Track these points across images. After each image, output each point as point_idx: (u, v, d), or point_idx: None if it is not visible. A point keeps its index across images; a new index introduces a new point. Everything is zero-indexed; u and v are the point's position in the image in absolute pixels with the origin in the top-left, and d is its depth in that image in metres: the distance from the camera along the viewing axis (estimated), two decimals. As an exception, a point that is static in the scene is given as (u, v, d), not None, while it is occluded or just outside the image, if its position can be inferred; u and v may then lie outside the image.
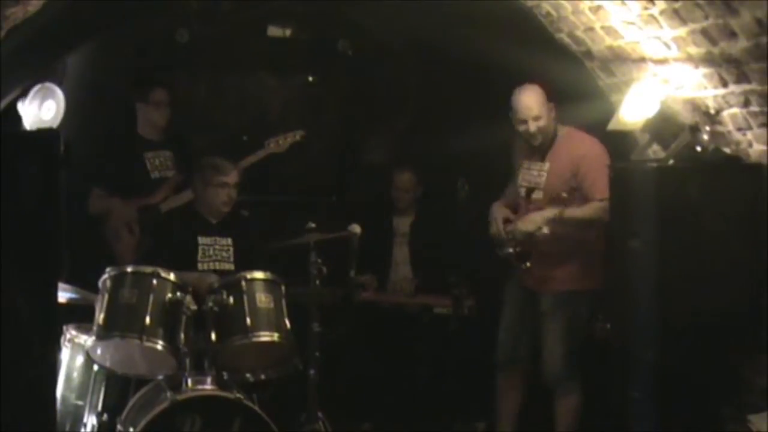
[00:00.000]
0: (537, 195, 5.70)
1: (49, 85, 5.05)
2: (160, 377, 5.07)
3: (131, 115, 6.65)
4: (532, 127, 5.62)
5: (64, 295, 5.12)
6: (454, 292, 5.82)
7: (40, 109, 4.94)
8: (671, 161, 4.95)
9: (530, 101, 5.62)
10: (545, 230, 5.47)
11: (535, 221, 5.52)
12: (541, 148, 5.73)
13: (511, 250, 5.65)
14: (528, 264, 5.63)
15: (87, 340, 5.07)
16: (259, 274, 5.29)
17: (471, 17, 6.04)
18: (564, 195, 5.48)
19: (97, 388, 5.20)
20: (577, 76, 5.75)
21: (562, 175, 5.62)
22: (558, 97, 5.77)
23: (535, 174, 5.75)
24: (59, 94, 5.06)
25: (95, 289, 5.15)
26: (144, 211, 6.34)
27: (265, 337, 5.15)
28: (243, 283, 5.21)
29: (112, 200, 6.39)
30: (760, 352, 4.65)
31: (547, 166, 5.70)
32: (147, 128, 6.60)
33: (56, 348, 4.89)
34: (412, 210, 6.96)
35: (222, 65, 7.72)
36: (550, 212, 5.51)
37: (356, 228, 5.55)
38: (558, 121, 5.74)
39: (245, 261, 5.66)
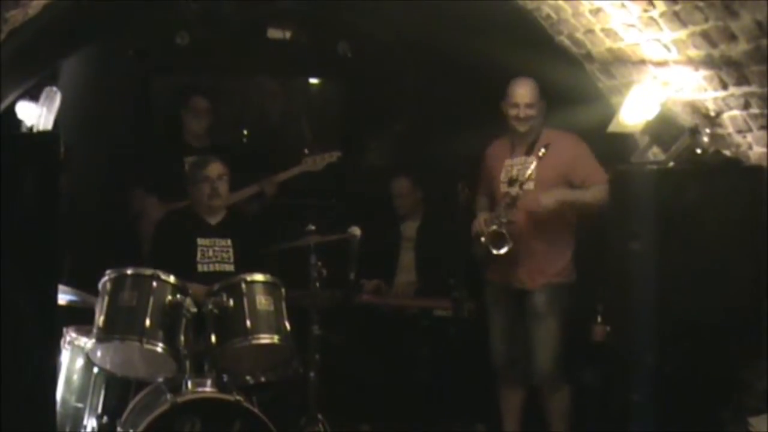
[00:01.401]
0: (528, 186, 5.70)
1: (55, 88, 5.06)
2: (160, 379, 5.06)
3: (176, 120, 6.77)
4: (522, 112, 5.69)
5: (64, 298, 5.12)
6: (454, 294, 5.81)
7: (50, 112, 4.94)
8: (671, 163, 4.95)
9: (525, 90, 5.72)
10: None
11: (554, 194, 5.57)
12: (524, 144, 5.76)
13: (483, 239, 5.63)
14: (505, 249, 5.59)
15: (87, 342, 5.07)
16: (259, 277, 5.29)
17: (471, 20, 6.04)
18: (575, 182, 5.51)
19: (97, 390, 5.20)
20: (577, 79, 5.76)
21: (555, 167, 5.64)
22: (558, 99, 5.78)
23: (519, 168, 5.77)
24: (58, 96, 5.07)
25: (96, 292, 5.15)
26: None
27: (265, 339, 5.15)
28: (243, 285, 5.21)
29: (148, 201, 6.45)
30: (759, 355, 4.65)
31: (533, 159, 5.72)
32: (190, 135, 6.68)
33: (56, 350, 4.89)
34: (419, 214, 6.95)
35: (222, 68, 7.72)
36: (562, 191, 5.56)
37: (356, 230, 5.55)
38: (546, 123, 5.80)
39: (245, 262, 5.66)
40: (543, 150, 5.52)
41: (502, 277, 5.82)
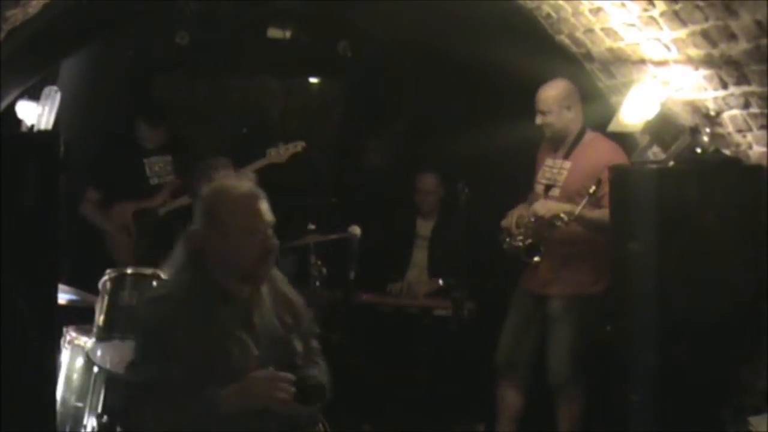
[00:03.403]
0: (554, 192, 5.67)
1: (56, 88, 5.06)
2: (160, 379, 5.06)
3: (131, 121, 6.69)
4: (538, 119, 5.65)
5: (64, 297, 5.12)
6: (453, 294, 5.81)
7: (51, 112, 4.94)
8: (671, 163, 4.94)
9: (544, 95, 5.64)
10: (564, 217, 5.41)
11: (550, 208, 5.48)
12: (565, 146, 5.72)
13: (520, 243, 5.61)
14: (537, 259, 5.58)
15: (87, 341, 5.07)
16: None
17: (471, 19, 6.04)
18: (591, 191, 5.39)
19: (97, 389, 5.19)
20: (577, 78, 5.75)
21: (582, 176, 5.56)
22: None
23: (555, 171, 5.73)
24: (59, 96, 5.07)
25: (96, 291, 5.15)
26: (140, 215, 6.38)
27: (265, 338, 5.14)
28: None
29: (115, 207, 6.45)
30: (760, 354, 4.65)
31: (568, 164, 5.68)
32: (146, 140, 6.66)
33: (56, 350, 4.89)
34: (435, 214, 6.95)
35: (222, 67, 7.73)
36: (568, 206, 5.48)
37: (356, 230, 5.56)
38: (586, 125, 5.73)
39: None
40: (594, 187, 5.35)
41: (526, 283, 5.81)
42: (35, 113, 4.90)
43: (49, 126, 4.82)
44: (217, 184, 3.69)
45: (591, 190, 5.35)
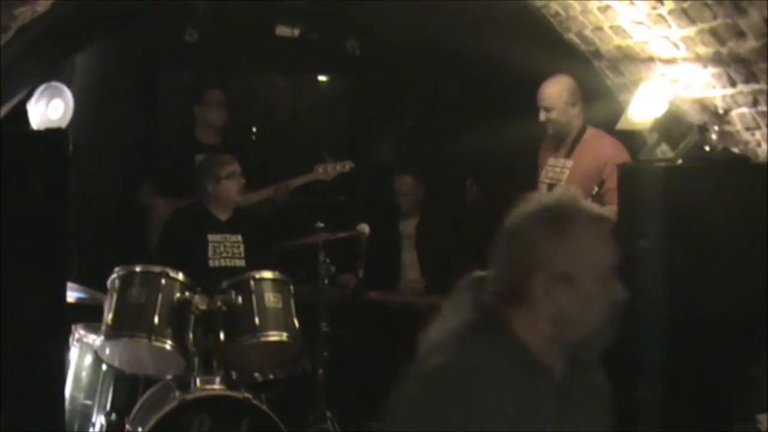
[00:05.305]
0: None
1: (56, 84, 5.06)
2: (169, 377, 5.07)
3: (189, 117, 6.76)
4: (542, 116, 5.62)
5: (72, 295, 5.13)
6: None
7: (47, 109, 4.95)
8: (680, 161, 4.94)
9: (546, 92, 5.61)
10: None
11: None
12: (566, 144, 5.70)
13: None
14: None
15: (96, 339, 5.09)
16: (267, 274, 5.30)
17: (480, 17, 6.05)
18: (593, 193, 5.38)
19: (105, 387, 5.21)
20: (585, 76, 5.75)
21: (585, 174, 5.52)
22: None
23: (558, 171, 5.72)
24: (67, 93, 5.08)
25: (105, 289, 5.16)
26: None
27: (274, 336, 5.15)
28: (251, 282, 5.21)
29: (156, 199, 6.46)
30: (768, 352, 4.65)
31: (570, 163, 5.66)
32: (204, 131, 6.66)
33: (65, 348, 4.90)
34: (417, 212, 6.95)
35: (231, 65, 7.74)
36: None
37: (365, 228, 5.56)
38: (587, 122, 5.72)
39: (256, 258, 5.67)
40: (596, 188, 5.34)
41: None
42: (39, 111, 4.92)
43: (56, 120, 4.84)
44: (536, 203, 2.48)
45: (594, 192, 5.34)
